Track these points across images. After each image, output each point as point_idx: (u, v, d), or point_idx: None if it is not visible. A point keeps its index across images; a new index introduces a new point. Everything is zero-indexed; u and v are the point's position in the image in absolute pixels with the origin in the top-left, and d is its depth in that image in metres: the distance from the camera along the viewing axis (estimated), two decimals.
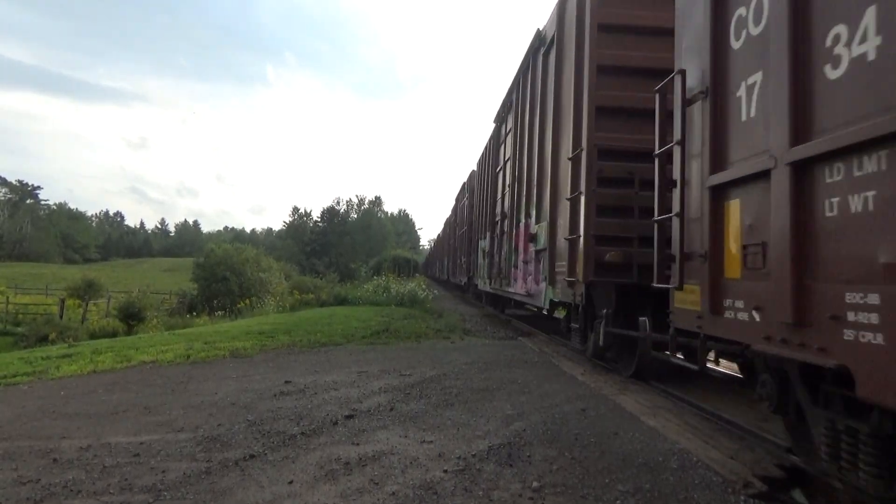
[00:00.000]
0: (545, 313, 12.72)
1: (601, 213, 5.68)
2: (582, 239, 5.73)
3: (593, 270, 5.62)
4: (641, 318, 5.10)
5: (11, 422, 4.08)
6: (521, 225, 8.96)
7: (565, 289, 6.36)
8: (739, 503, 2.69)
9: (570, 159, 6.20)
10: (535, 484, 2.88)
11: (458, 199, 22.96)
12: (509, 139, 10.82)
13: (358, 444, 3.49)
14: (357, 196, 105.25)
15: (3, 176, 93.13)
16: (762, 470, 3.08)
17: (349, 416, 4.11)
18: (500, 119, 12.30)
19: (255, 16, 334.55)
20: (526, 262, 8.50)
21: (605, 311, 5.62)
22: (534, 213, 8.08)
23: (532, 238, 8.00)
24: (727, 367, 5.42)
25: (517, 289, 9.14)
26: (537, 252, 7.75)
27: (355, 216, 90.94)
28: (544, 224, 7.30)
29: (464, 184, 20.42)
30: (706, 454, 3.33)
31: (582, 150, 5.83)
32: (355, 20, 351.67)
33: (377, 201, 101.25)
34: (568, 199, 6.21)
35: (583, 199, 5.73)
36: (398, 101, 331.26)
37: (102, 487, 2.82)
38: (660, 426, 3.93)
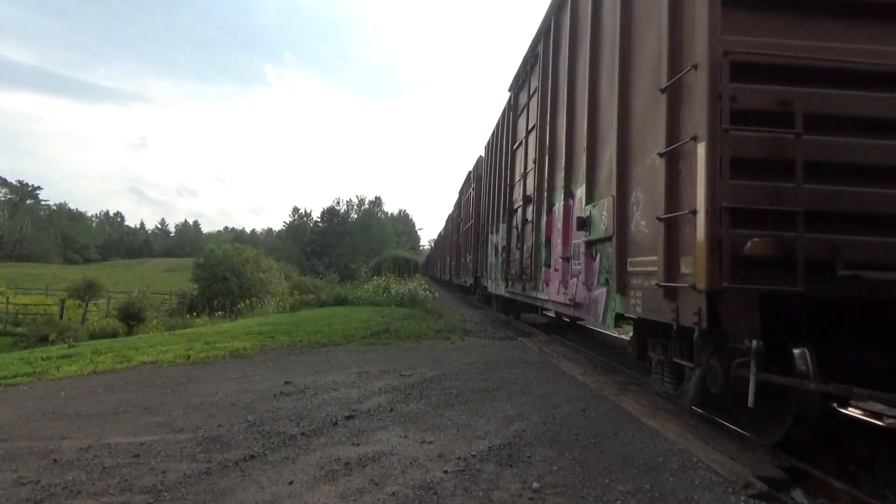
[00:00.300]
0: (565, 320, 11.58)
1: (742, 174, 3.31)
2: (703, 217, 3.34)
3: (729, 270, 3.22)
4: (798, 352, 3.22)
5: (11, 422, 4.08)
6: (559, 208, 6.80)
7: (656, 300, 4.02)
8: (740, 503, 2.69)
9: (663, 91, 3.91)
10: (535, 484, 2.88)
11: (461, 192, 20.76)
12: (534, 103, 8.61)
13: (358, 445, 3.49)
14: (357, 196, 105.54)
15: (3, 176, 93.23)
16: (762, 470, 3.08)
17: (349, 417, 4.11)
18: (520, 82, 9.96)
19: (254, 15, 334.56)
20: (567, 259, 6.41)
21: (753, 342, 3.15)
22: (582, 189, 5.84)
23: (582, 224, 5.71)
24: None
25: (552, 295, 7.00)
26: (590, 244, 5.60)
27: (355, 216, 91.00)
28: (604, 202, 5.13)
29: (469, 173, 18.14)
30: (706, 455, 3.32)
31: (695, 67, 3.51)
32: (354, 19, 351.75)
33: (377, 201, 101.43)
34: (661, 155, 3.90)
35: (701, 149, 3.39)
36: (398, 101, 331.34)
37: (102, 488, 2.82)
38: (660, 427, 3.92)
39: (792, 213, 3.29)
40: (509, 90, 11.00)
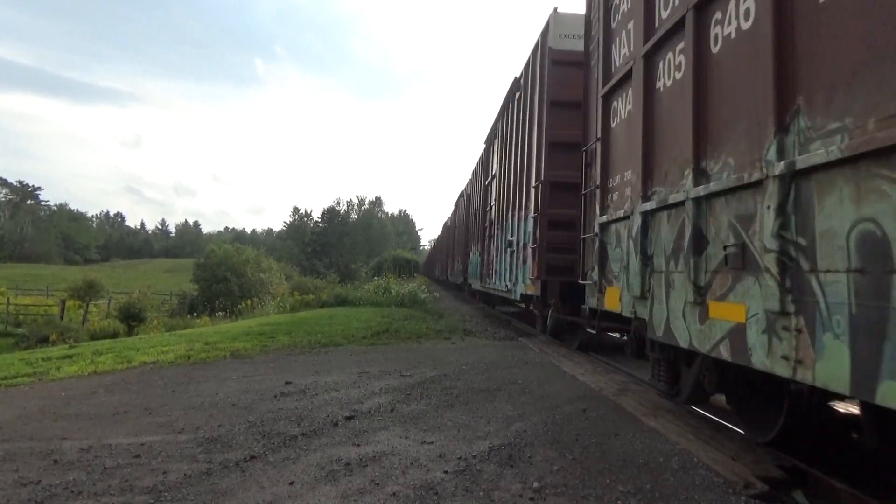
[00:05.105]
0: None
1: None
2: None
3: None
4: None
5: (12, 423, 4.08)
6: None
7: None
8: (740, 503, 2.69)
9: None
10: (535, 484, 2.88)
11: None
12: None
13: (358, 445, 3.49)
14: (357, 196, 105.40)
15: (3, 177, 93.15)
16: (763, 470, 3.08)
17: (350, 417, 4.11)
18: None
19: (251, 13, 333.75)
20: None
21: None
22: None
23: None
24: None
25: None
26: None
27: (356, 216, 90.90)
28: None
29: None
30: (707, 455, 3.33)
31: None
32: (352, 18, 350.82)
33: (377, 202, 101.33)
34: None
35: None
36: (397, 100, 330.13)
37: (103, 489, 2.82)
38: (660, 427, 3.93)
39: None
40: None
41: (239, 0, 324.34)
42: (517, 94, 10.06)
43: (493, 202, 12.84)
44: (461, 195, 22.21)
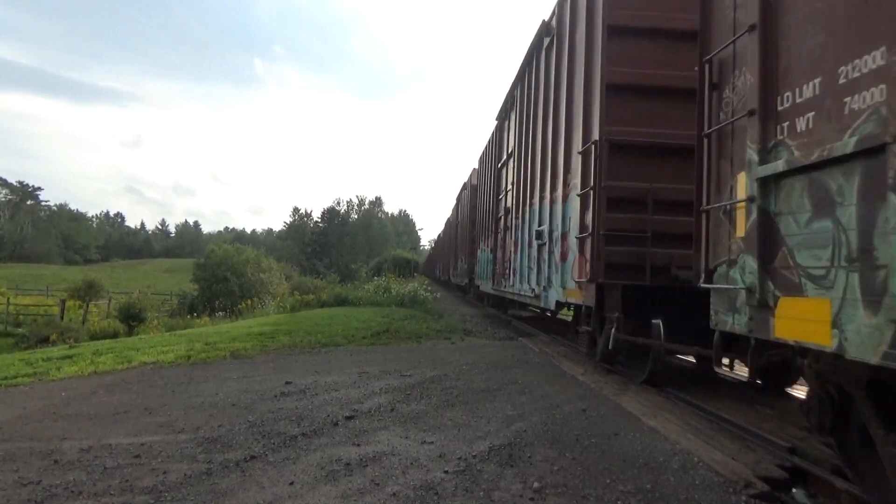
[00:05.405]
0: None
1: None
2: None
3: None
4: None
5: (12, 423, 4.08)
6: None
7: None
8: (741, 503, 2.69)
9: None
10: (535, 484, 2.88)
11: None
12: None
13: (359, 445, 3.49)
14: (357, 196, 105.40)
15: (3, 177, 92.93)
16: (763, 470, 3.08)
17: (350, 417, 4.11)
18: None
19: (250, 13, 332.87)
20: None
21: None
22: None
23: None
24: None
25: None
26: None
27: (356, 217, 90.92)
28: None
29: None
30: (707, 455, 3.32)
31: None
32: (352, 18, 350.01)
33: (377, 202, 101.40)
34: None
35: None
36: (397, 100, 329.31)
37: (103, 489, 2.82)
38: (660, 427, 3.92)
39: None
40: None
41: (239, 0, 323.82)
42: (546, 42, 7.89)
43: (509, 186, 10.60)
44: (464, 187, 20.29)
